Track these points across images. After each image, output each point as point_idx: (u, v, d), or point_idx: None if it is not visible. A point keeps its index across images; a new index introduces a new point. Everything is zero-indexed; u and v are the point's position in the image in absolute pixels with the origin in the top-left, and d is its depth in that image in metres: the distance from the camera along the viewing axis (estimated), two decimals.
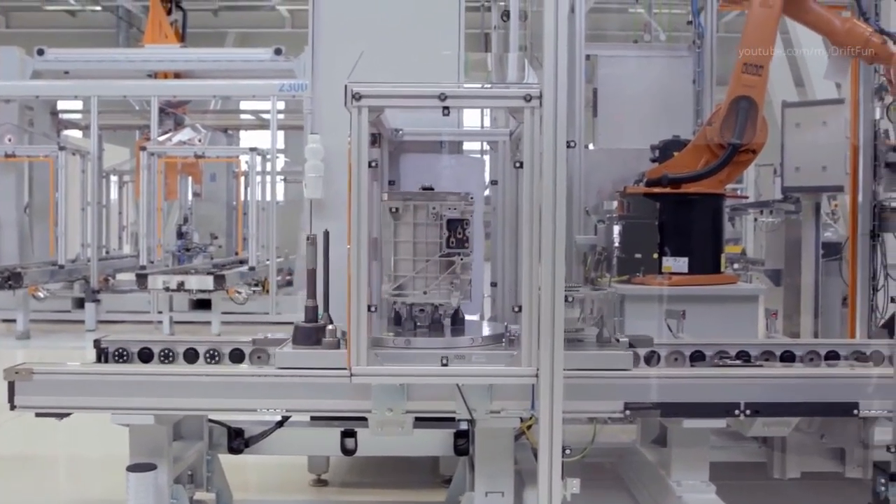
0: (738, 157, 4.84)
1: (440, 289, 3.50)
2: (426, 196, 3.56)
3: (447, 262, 3.49)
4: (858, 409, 3.66)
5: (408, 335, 3.52)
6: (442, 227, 3.49)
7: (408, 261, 3.51)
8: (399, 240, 3.53)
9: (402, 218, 3.52)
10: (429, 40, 4.74)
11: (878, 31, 4.81)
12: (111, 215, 17.02)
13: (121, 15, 20.82)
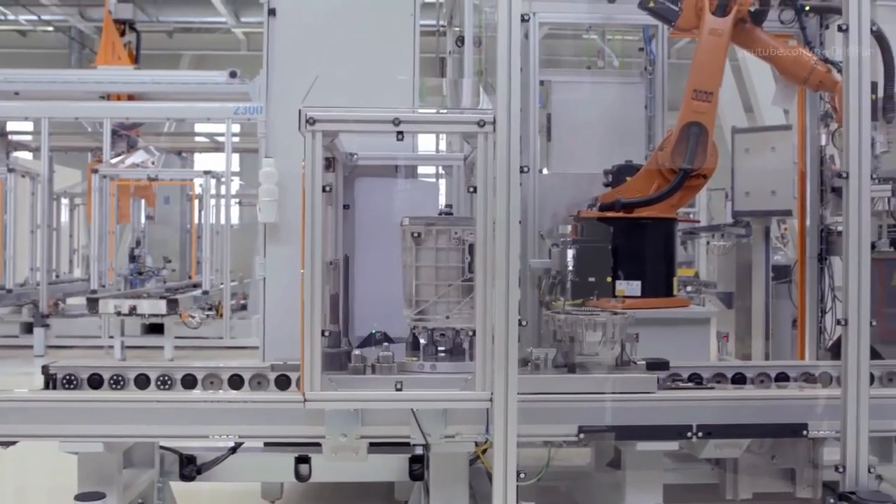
0: (690, 182, 4.90)
1: (462, 313, 3.54)
2: (449, 221, 3.62)
3: (468, 287, 3.52)
4: (808, 430, 3.72)
5: (430, 360, 3.56)
6: (464, 251, 3.54)
7: (429, 286, 3.55)
8: (421, 264, 3.56)
9: (425, 243, 3.55)
10: (384, 65, 4.77)
11: (823, 59, 4.92)
12: (61, 238, 16.73)
13: (73, 36, 20.58)
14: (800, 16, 5.16)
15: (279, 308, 4.66)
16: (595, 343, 3.79)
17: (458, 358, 3.60)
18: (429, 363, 3.58)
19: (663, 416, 3.65)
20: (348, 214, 4.40)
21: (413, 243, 3.58)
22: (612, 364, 3.83)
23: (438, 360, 3.59)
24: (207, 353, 11.01)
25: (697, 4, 4.80)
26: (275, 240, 4.73)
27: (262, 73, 4.89)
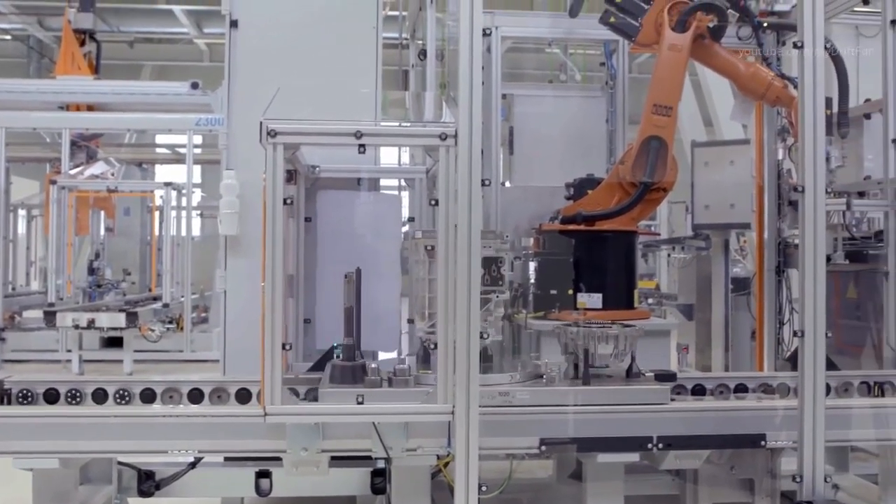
0: (650, 196, 4.94)
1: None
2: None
3: (481, 300, 3.51)
4: (766, 441, 3.77)
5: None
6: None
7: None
8: (433, 277, 3.55)
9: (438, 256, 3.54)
10: (346, 77, 4.77)
11: (780, 75, 5.00)
12: (18, 250, 16.46)
13: (32, 45, 20.30)
14: (757, 32, 5.23)
15: (240, 321, 4.63)
16: (607, 355, 3.87)
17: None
18: None
19: (624, 427, 3.67)
20: (310, 227, 4.39)
21: (426, 256, 3.58)
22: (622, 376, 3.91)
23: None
24: (168, 366, 10.88)
25: (657, 20, 4.85)
26: (235, 252, 4.70)
27: (224, 85, 4.87)
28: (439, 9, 5.72)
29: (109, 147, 13.59)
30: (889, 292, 5.02)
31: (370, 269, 4.43)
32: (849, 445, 4.67)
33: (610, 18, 4.99)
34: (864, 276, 5.57)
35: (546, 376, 3.77)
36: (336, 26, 4.85)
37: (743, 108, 5.18)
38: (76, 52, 13.19)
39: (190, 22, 18.30)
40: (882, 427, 3.91)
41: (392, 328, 4.48)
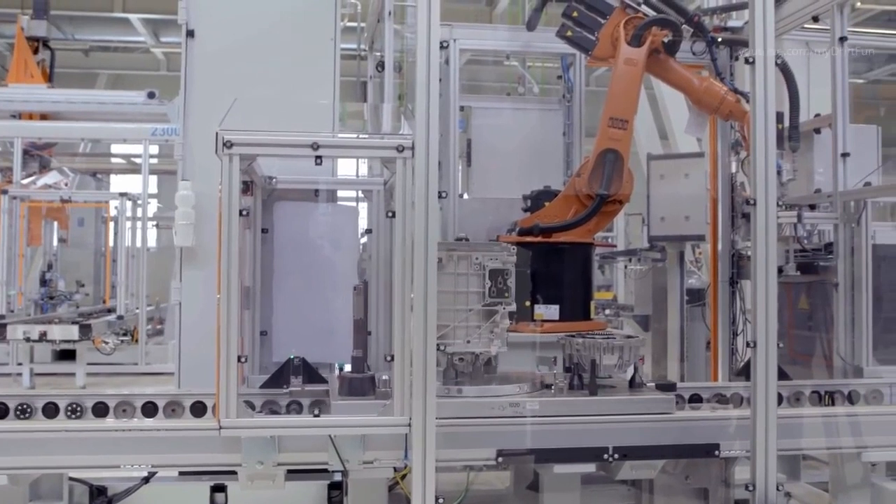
0: (606, 208, 4.98)
1: (481, 338, 3.64)
2: (470, 247, 3.70)
3: (488, 312, 3.62)
4: (719, 450, 3.82)
5: (450, 383, 3.68)
6: (484, 276, 3.64)
7: (450, 311, 3.62)
8: (441, 289, 3.56)
9: (445, 268, 3.60)
10: (304, 89, 4.76)
11: (733, 90, 5.08)
12: None
13: None
14: (711, 48, 5.32)
15: (195, 333, 4.58)
16: (611, 366, 3.94)
17: (477, 381, 3.71)
18: (455, 387, 3.66)
19: (580, 438, 3.69)
20: (267, 238, 4.37)
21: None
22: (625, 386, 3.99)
23: (459, 383, 3.70)
24: (122, 379, 10.72)
25: (613, 35, 4.91)
26: (191, 264, 4.66)
27: (180, 95, 4.83)
28: (397, 21, 5.72)
29: (63, 156, 13.38)
30: (839, 303, 5.12)
31: (327, 280, 4.42)
32: (800, 454, 4.74)
33: (567, 32, 5.04)
34: (815, 287, 5.67)
35: (554, 387, 3.85)
36: (294, 37, 4.84)
37: (697, 122, 5.26)
38: (29, 60, 12.98)
39: (147, 31, 18.12)
40: (832, 435, 3.98)
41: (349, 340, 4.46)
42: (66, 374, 10.50)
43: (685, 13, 5.12)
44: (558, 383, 3.86)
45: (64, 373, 10.65)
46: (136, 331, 11.43)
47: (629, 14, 4.94)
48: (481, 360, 3.78)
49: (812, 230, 6.01)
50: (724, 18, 5.76)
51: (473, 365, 3.77)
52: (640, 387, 4.01)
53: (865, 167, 5.32)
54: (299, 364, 4.02)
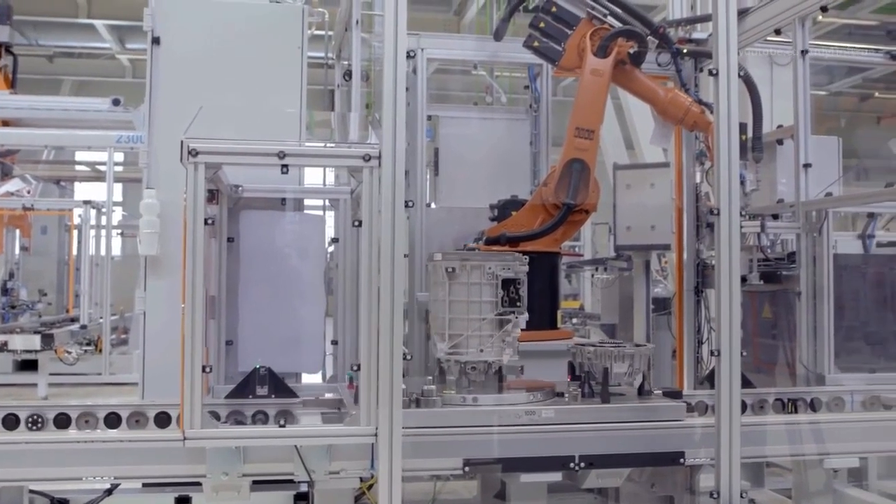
0: (573, 217, 5.01)
1: (493, 346, 3.68)
2: (483, 256, 3.74)
3: (500, 321, 3.66)
4: (685, 458, 3.84)
5: (463, 392, 3.71)
6: (497, 286, 3.66)
7: (462, 320, 3.66)
8: (454, 299, 3.66)
9: (458, 278, 3.65)
10: (271, 97, 4.74)
11: (698, 101, 5.14)
12: None
13: None
14: (676, 59, 5.38)
15: (160, 343, 4.54)
16: (622, 374, 3.96)
17: (490, 390, 3.73)
18: (470, 396, 3.69)
19: (547, 447, 3.70)
20: (233, 247, 4.34)
21: (446, 278, 3.67)
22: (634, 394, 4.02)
23: (470, 391, 3.73)
24: (85, 390, 10.59)
25: (579, 45, 4.95)
26: (156, 273, 4.61)
27: (146, 102, 4.79)
28: (365, 29, 5.71)
29: (26, 164, 13.19)
30: (801, 312, 5.18)
31: (294, 290, 4.40)
32: (764, 461, 4.79)
33: (534, 43, 5.07)
34: (778, 296, 5.73)
35: (568, 395, 3.88)
36: (260, 45, 4.83)
37: (662, 133, 5.30)
38: None
39: (112, 37, 17.95)
40: (795, 443, 4.02)
41: (316, 350, 4.45)
42: (28, 385, 10.36)
43: (650, 25, 5.17)
44: (572, 392, 3.91)
45: (25, 383, 10.50)
46: (99, 340, 11.29)
47: (595, 25, 4.98)
48: (493, 368, 3.83)
49: (775, 240, 6.08)
50: (688, 30, 5.82)
51: (486, 374, 3.81)
52: (649, 394, 4.05)
53: (827, 178, 5.39)
54: (265, 374, 4.00)
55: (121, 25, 17.60)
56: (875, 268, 5.53)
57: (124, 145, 11.37)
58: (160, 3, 4.83)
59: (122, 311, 12.54)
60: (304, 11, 4.92)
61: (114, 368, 11.12)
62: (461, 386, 3.77)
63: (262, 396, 4.01)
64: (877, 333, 5.43)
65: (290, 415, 3.93)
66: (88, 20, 17.22)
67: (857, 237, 5.77)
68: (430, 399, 3.63)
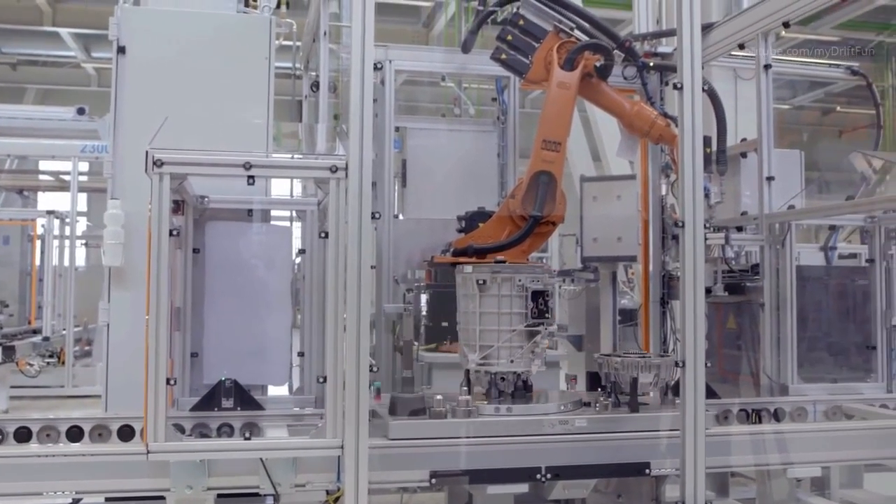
0: (540, 229, 5.02)
1: (523, 357, 3.77)
2: (513, 269, 3.82)
3: (529, 332, 3.72)
4: (650, 469, 3.86)
5: (494, 402, 3.77)
6: (527, 298, 3.75)
7: (493, 331, 3.74)
8: (484, 310, 3.74)
9: (489, 290, 3.73)
10: (237, 108, 4.72)
11: (663, 114, 5.19)
12: None
13: None
14: (642, 72, 5.43)
15: (124, 355, 4.49)
16: (647, 384, 4.02)
17: (521, 400, 3.79)
18: (504, 406, 3.74)
19: (513, 458, 3.70)
20: (198, 259, 4.31)
21: (477, 290, 3.75)
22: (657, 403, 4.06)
23: (502, 402, 3.78)
24: (47, 402, 10.43)
25: (546, 58, 4.98)
26: (120, 284, 4.57)
27: (111, 112, 4.75)
28: (333, 40, 5.72)
29: None
30: (765, 323, 5.24)
31: (260, 301, 4.38)
32: (729, 471, 4.83)
33: (501, 55, 5.09)
34: (742, 307, 5.79)
35: (599, 405, 3.93)
36: (227, 55, 4.80)
37: (628, 145, 5.35)
38: None
39: (77, 45, 17.79)
40: (759, 452, 4.06)
41: (281, 361, 4.42)
42: None
43: (617, 38, 5.22)
44: (603, 401, 3.96)
45: None
46: (62, 352, 11.15)
47: (562, 38, 5.02)
48: (522, 379, 3.89)
49: (739, 252, 6.15)
50: (654, 44, 5.88)
51: (515, 384, 3.87)
52: (672, 403, 4.09)
53: (789, 190, 5.46)
54: (231, 386, 3.97)
55: (86, 34, 17.44)
56: (837, 279, 5.61)
57: (89, 155, 11.29)
58: (126, 11, 4.79)
59: (85, 323, 12.38)
60: (272, 22, 4.91)
61: (77, 381, 10.98)
62: (492, 396, 3.85)
63: (227, 409, 3.98)
64: (839, 344, 5.50)
65: (255, 427, 3.91)
66: (53, 28, 17.04)
67: (820, 249, 5.86)
68: (465, 409, 3.68)
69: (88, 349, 11.98)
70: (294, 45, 6.34)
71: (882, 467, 4.98)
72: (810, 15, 5.12)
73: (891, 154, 7.75)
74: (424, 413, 3.70)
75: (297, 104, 6.99)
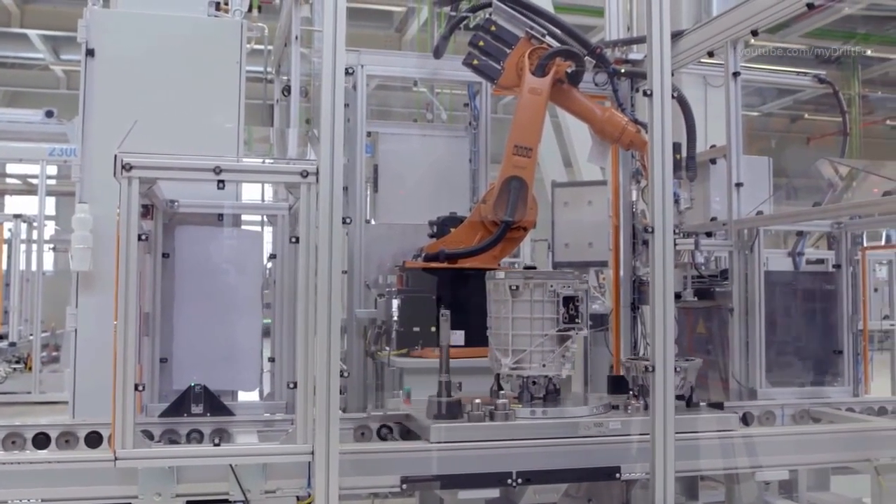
0: (511, 234, 5.06)
1: (554, 361, 3.87)
2: (545, 275, 3.90)
3: (561, 337, 3.82)
4: (620, 473, 3.88)
5: (528, 406, 3.85)
6: (558, 303, 3.83)
7: (525, 336, 3.83)
8: (517, 316, 3.83)
9: (521, 295, 3.81)
10: (208, 111, 4.69)
11: (633, 121, 5.23)
12: None
13: None
14: (612, 79, 5.47)
15: (92, 361, 4.43)
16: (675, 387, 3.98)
17: (552, 403, 3.89)
18: (539, 409, 3.83)
19: (484, 463, 3.71)
20: (168, 263, 4.27)
21: (510, 295, 3.83)
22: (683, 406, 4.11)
23: (535, 405, 3.87)
24: (14, 409, 10.30)
25: (518, 64, 5.01)
26: (88, 289, 4.52)
27: (80, 115, 4.70)
28: (304, 45, 5.71)
29: None
30: (734, 327, 5.28)
31: (230, 306, 4.35)
32: (698, 475, 4.86)
33: (473, 61, 5.11)
34: (712, 312, 5.83)
35: (630, 408, 4.02)
36: (198, 59, 4.77)
37: (599, 151, 5.39)
38: None
39: (46, 47, 17.62)
40: (728, 456, 4.09)
41: (252, 367, 4.39)
42: None
43: (587, 45, 5.26)
44: (634, 403, 4.04)
45: None
46: (29, 358, 11.03)
47: (534, 45, 5.05)
48: (554, 382, 4.00)
49: (709, 257, 6.19)
50: (625, 51, 5.93)
51: (546, 388, 3.96)
52: (697, 406, 4.18)
53: (758, 196, 5.50)
54: (200, 391, 3.94)
55: (55, 36, 17.28)
56: (805, 284, 5.66)
57: (57, 158, 11.18)
58: (95, 14, 4.75)
59: (53, 328, 12.25)
60: (243, 26, 4.88)
61: (44, 387, 10.86)
62: (524, 400, 3.94)
63: (197, 415, 3.95)
64: (806, 348, 5.55)
65: (225, 433, 3.88)
66: (21, 29, 16.86)
67: (788, 255, 5.91)
68: (503, 412, 3.74)
69: (56, 355, 11.85)
70: (265, 49, 6.32)
71: (848, 470, 5.03)
72: (778, 23, 5.17)
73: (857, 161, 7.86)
74: (461, 416, 3.79)
75: (269, 108, 6.96)
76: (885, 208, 4.88)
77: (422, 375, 4.91)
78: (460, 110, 7.77)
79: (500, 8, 5.06)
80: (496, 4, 5.05)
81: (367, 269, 5.71)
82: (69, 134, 11.41)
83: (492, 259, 5.05)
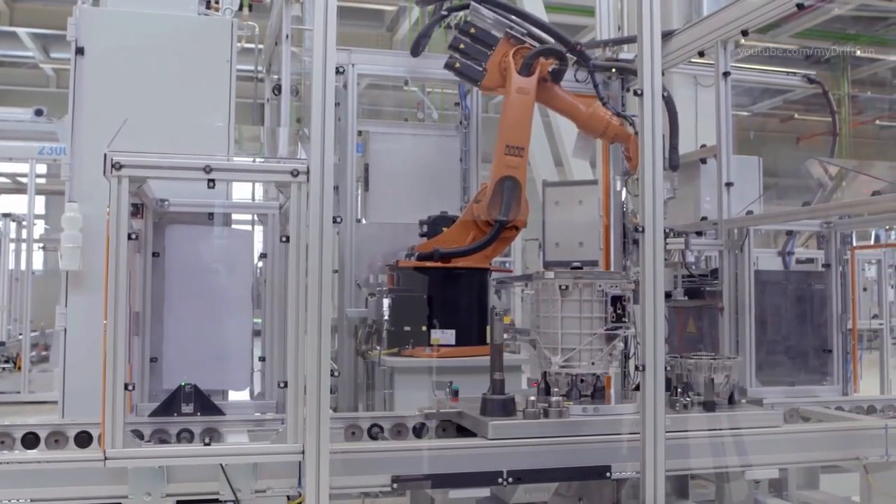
0: (504, 234, 5.07)
1: (602, 360, 3.93)
2: (594, 275, 3.96)
3: (609, 335, 3.89)
4: (611, 472, 3.89)
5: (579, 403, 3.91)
6: (606, 303, 3.91)
7: (574, 334, 3.88)
8: (566, 315, 3.88)
9: (570, 295, 3.85)
10: (198, 110, 4.68)
11: (617, 114, 5.26)
12: None
13: None
14: (593, 75, 5.47)
15: (81, 360, 4.42)
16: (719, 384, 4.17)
17: (599, 401, 3.95)
18: (591, 406, 3.88)
19: (475, 462, 3.71)
20: (158, 262, 4.26)
21: (559, 295, 3.87)
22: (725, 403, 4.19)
23: (583, 402, 3.93)
24: (3, 409, 10.27)
25: (501, 64, 5.01)
26: (78, 288, 4.50)
27: (69, 113, 4.68)
28: (295, 44, 5.70)
29: None
30: (724, 327, 5.29)
31: (220, 305, 4.34)
32: (688, 473, 4.87)
33: (455, 64, 5.11)
34: (702, 311, 5.85)
35: (678, 405, 4.07)
36: (188, 58, 4.76)
37: (584, 146, 5.42)
38: None
39: (35, 45, 17.52)
40: (718, 455, 4.10)
41: (242, 366, 4.38)
42: None
43: (567, 42, 5.27)
44: (684, 401, 4.09)
45: None
46: (19, 358, 10.98)
47: (515, 45, 5.05)
48: (601, 380, 4.06)
49: (699, 256, 6.21)
50: (616, 51, 5.93)
51: (594, 385, 4.02)
52: (738, 403, 4.24)
53: (748, 196, 5.52)
54: (191, 391, 3.93)
55: (44, 34, 17.19)
56: (794, 284, 5.67)
57: (47, 157, 11.14)
58: (85, 12, 4.73)
59: (42, 328, 12.21)
60: (234, 24, 4.88)
61: (33, 386, 10.82)
62: (573, 397, 3.98)
63: (187, 414, 3.94)
64: (796, 347, 5.57)
65: (215, 433, 3.87)
66: (11, 28, 16.77)
67: (778, 254, 5.92)
68: (556, 410, 3.80)
69: (45, 354, 11.81)
70: (256, 47, 6.30)
71: (838, 468, 5.05)
72: (768, 24, 5.18)
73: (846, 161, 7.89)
74: (514, 413, 3.84)
75: (259, 107, 6.95)
76: (874, 208, 4.89)
77: (412, 375, 4.92)
78: (451, 109, 7.77)
79: (478, 10, 5.07)
80: (474, 6, 5.06)
81: (358, 268, 5.71)
82: (59, 132, 11.36)
83: (484, 258, 5.06)
